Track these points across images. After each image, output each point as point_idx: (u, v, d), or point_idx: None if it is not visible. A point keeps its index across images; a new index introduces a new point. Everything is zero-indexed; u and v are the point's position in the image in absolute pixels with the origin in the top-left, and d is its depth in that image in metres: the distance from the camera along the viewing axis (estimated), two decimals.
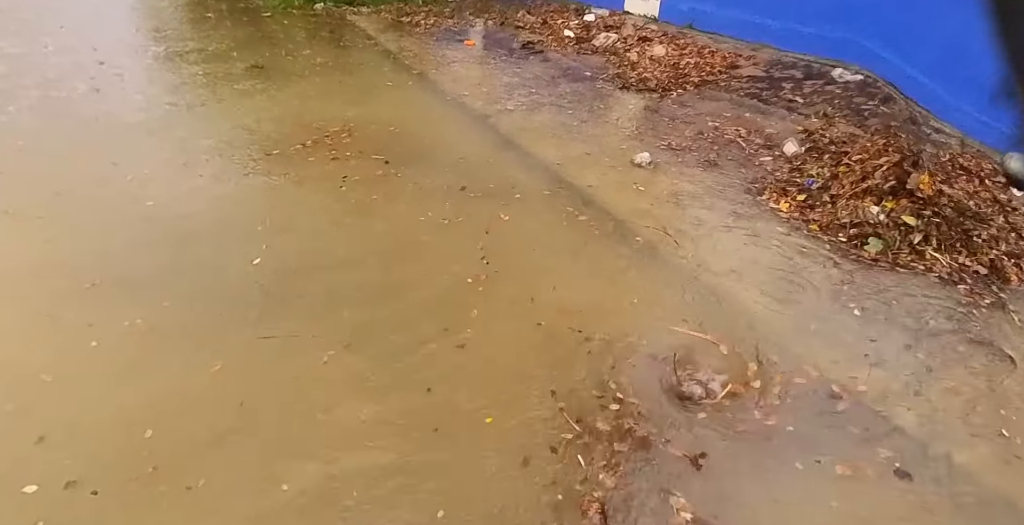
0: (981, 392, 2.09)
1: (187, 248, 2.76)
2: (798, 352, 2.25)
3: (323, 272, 2.65)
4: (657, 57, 5.50)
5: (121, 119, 4.15)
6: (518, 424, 1.91)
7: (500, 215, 3.14)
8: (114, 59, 5.28)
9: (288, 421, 1.91)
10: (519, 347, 2.25)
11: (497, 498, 1.66)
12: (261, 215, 3.07)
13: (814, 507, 1.69)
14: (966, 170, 3.22)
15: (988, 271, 2.67)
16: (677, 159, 3.83)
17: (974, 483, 1.76)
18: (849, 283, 2.66)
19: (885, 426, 1.94)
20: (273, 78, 5.04)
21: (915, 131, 3.81)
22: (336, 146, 3.87)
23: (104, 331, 2.22)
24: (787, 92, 4.63)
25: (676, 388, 2.06)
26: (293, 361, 2.15)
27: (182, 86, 4.82)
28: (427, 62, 5.63)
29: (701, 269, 2.74)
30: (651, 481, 1.73)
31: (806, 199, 3.28)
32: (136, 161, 3.56)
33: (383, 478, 1.71)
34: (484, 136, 4.14)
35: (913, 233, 2.82)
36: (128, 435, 1.82)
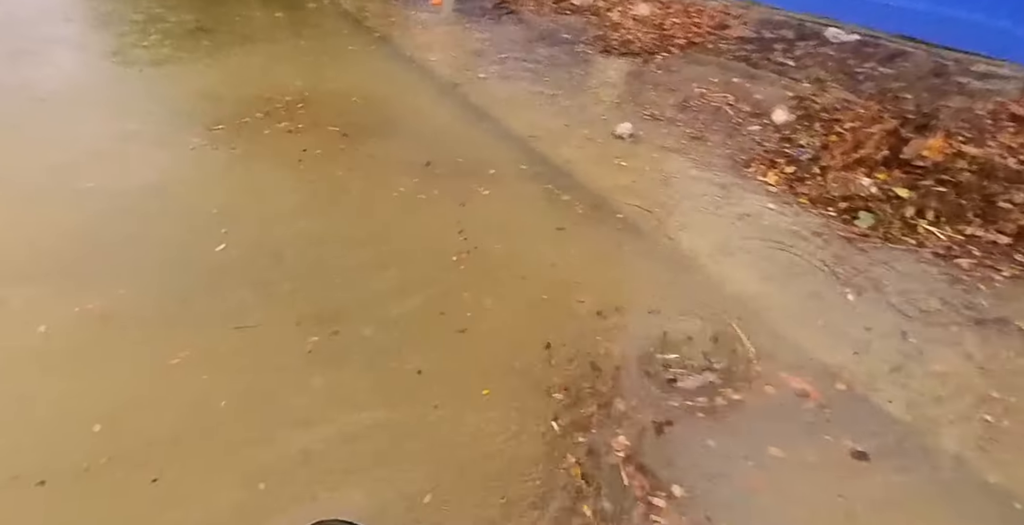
0: (971, 375, 1.92)
1: (134, 235, 2.47)
2: (782, 333, 2.07)
3: (292, 257, 2.39)
4: (641, 17, 5.07)
5: (48, 88, 3.71)
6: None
7: (475, 192, 2.86)
8: (44, 21, 4.74)
9: (263, 414, 1.73)
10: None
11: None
12: (214, 196, 2.76)
13: (750, 480, 1.60)
14: (1019, 119, 2.86)
15: (1012, 240, 2.40)
16: (661, 130, 3.52)
17: (939, 467, 1.63)
18: (838, 261, 2.45)
19: (864, 410, 1.79)
20: (220, 42, 4.57)
21: (937, 86, 3.49)
22: (291, 117, 3.51)
23: (53, 319, 2.00)
24: (778, 54, 4.28)
25: (659, 368, 1.94)
26: (271, 352, 1.95)
27: (119, 51, 4.35)
28: (391, 24, 5.14)
29: (684, 248, 2.52)
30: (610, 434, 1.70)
31: (795, 171, 3.03)
32: (67, 136, 3.19)
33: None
34: (453, 107, 3.78)
35: (906, 206, 2.60)
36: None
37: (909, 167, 2.74)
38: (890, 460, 1.65)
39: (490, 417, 1.75)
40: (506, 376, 1.89)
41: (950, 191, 2.59)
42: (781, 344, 2.04)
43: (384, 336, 2.03)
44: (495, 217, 2.70)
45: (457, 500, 1.52)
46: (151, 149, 3.13)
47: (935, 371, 1.94)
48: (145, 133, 3.26)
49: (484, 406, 1.78)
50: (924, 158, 2.69)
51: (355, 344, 2.00)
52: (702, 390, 1.86)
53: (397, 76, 4.23)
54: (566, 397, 1.82)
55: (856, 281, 2.35)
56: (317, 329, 2.03)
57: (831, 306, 2.22)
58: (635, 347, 2.01)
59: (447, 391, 1.83)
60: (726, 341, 2.05)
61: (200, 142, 3.21)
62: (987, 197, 2.53)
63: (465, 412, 1.76)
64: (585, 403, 1.80)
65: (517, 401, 1.80)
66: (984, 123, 2.82)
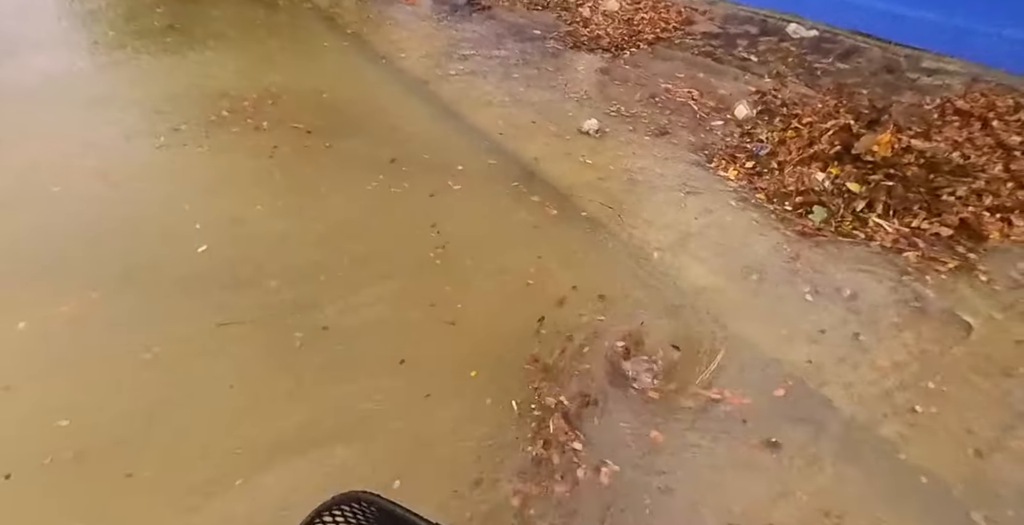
0: (911, 366, 1.97)
1: (106, 236, 2.44)
2: (732, 325, 2.11)
3: (268, 254, 2.39)
4: (610, 12, 5.03)
5: (18, 88, 3.60)
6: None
7: (445, 188, 2.86)
8: (17, 19, 4.57)
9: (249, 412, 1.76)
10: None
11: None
12: (184, 194, 2.72)
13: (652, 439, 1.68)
14: (963, 114, 2.91)
15: (954, 231, 2.45)
16: (627, 126, 3.52)
17: (860, 458, 1.69)
18: (792, 255, 2.49)
19: (805, 402, 1.83)
20: (192, 39, 4.45)
21: (890, 81, 3.54)
22: (261, 115, 3.45)
23: (30, 319, 2.00)
24: (741, 50, 4.29)
25: (621, 363, 1.97)
26: (257, 347, 1.97)
27: (92, 47, 4.25)
28: (363, 21, 5.03)
29: (646, 245, 2.54)
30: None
31: (754, 166, 3.06)
32: (33, 135, 3.10)
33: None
34: (423, 104, 3.73)
35: (857, 200, 2.64)
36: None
37: (860, 162, 2.77)
38: (807, 448, 1.70)
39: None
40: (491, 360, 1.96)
41: (898, 185, 2.63)
42: (729, 335, 2.07)
43: (368, 330, 2.06)
44: (464, 213, 2.71)
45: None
46: (120, 148, 3.07)
47: (878, 363, 1.98)
48: (114, 132, 3.20)
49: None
50: (874, 153, 2.73)
51: (341, 338, 2.02)
52: (645, 377, 1.91)
53: (368, 74, 4.15)
54: (535, 367, 1.93)
55: (808, 275, 2.39)
56: (302, 324, 2.05)
57: (783, 299, 2.26)
58: (596, 337, 2.05)
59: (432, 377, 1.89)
60: (678, 333, 2.08)
61: (168, 141, 3.15)
62: (932, 190, 2.57)
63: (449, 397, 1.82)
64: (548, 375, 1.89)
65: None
66: (931, 118, 2.86)
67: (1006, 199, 2.42)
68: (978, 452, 1.67)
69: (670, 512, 1.55)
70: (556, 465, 1.65)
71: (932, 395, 1.86)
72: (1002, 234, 2.39)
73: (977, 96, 3.01)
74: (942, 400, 1.84)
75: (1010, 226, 2.39)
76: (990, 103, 2.89)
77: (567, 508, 1.56)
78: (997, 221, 2.39)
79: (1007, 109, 2.84)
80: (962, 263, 2.37)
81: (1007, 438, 1.71)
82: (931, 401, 1.84)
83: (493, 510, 1.54)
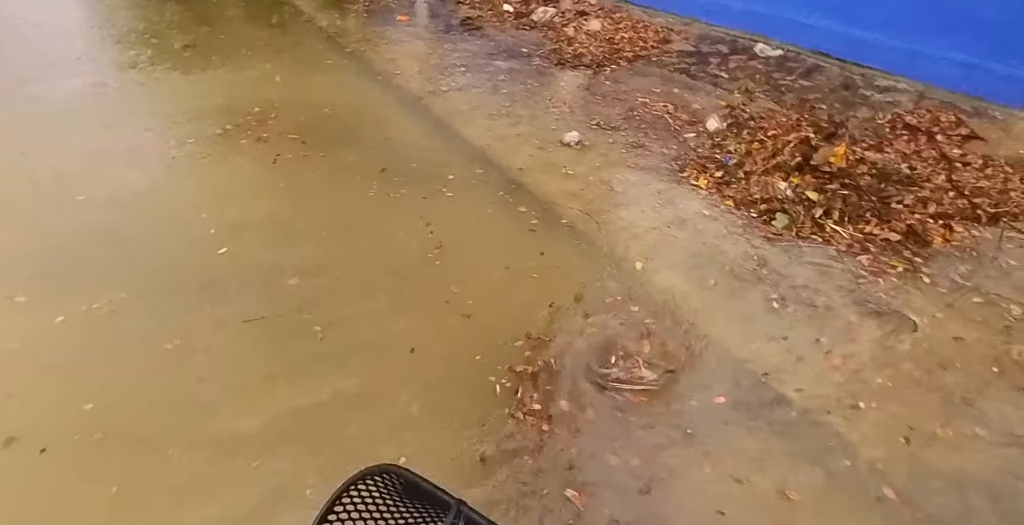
0: (862, 363, 2.10)
1: (131, 241, 2.62)
2: (701, 326, 2.23)
3: (284, 256, 2.56)
4: (593, 32, 5.23)
5: (49, 102, 3.85)
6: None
7: (437, 195, 3.03)
8: (50, 41, 4.85)
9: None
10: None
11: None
12: (200, 202, 2.90)
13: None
14: (911, 128, 3.12)
15: (903, 237, 2.62)
16: (606, 138, 3.68)
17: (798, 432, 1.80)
18: (757, 258, 2.63)
19: (761, 396, 1.95)
20: (206, 58, 4.66)
21: (847, 98, 3.73)
22: (263, 128, 3.61)
23: (66, 313, 2.17)
24: (713, 67, 4.48)
25: (596, 368, 2.07)
26: (279, 341, 2.11)
27: (116, 66, 4.52)
28: (363, 41, 5.20)
29: (623, 252, 2.66)
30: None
31: (723, 175, 3.21)
32: (58, 148, 3.31)
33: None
34: (417, 118, 3.88)
35: (815, 208, 2.79)
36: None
37: (819, 172, 2.93)
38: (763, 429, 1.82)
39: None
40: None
41: (852, 194, 2.79)
42: (698, 335, 2.19)
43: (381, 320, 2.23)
44: (456, 218, 2.87)
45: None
46: (138, 160, 3.25)
47: (833, 361, 2.09)
48: (132, 145, 3.37)
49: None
50: (831, 164, 2.89)
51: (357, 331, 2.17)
52: (619, 375, 2.02)
53: (366, 89, 4.30)
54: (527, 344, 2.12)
55: (772, 277, 2.52)
56: (320, 319, 2.20)
57: (749, 300, 2.38)
58: (574, 350, 2.16)
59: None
60: (651, 333, 2.20)
61: (181, 152, 3.32)
62: (883, 199, 2.74)
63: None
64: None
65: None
66: (883, 132, 3.04)
67: (948, 207, 2.58)
68: (907, 439, 1.79)
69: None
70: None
71: (877, 389, 1.98)
72: (944, 239, 2.55)
73: (924, 112, 3.19)
74: (885, 393, 1.96)
75: (951, 232, 2.55)
76: (935, 118, 3.08)
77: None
78: (940, 227, 2.55)
79: (949, 124, 3.02)
80: (909, 266, 2.52)
81: (938, 427, 1.84)
82: (875, 395, 1.96)
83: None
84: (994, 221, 2.70)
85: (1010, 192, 2.83)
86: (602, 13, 5.60)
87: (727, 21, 5.01)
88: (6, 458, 1.69)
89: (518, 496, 1.63)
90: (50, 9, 5.70)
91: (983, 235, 2.64)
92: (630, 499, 1.63)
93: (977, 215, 2.70)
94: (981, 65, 3.60)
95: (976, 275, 2.45)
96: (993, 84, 3.58)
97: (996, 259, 2.51)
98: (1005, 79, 3.57)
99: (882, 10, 4.04)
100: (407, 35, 5.42)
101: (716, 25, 5.05)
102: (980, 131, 3.31)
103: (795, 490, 1.65)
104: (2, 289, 2.27)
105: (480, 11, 5.97)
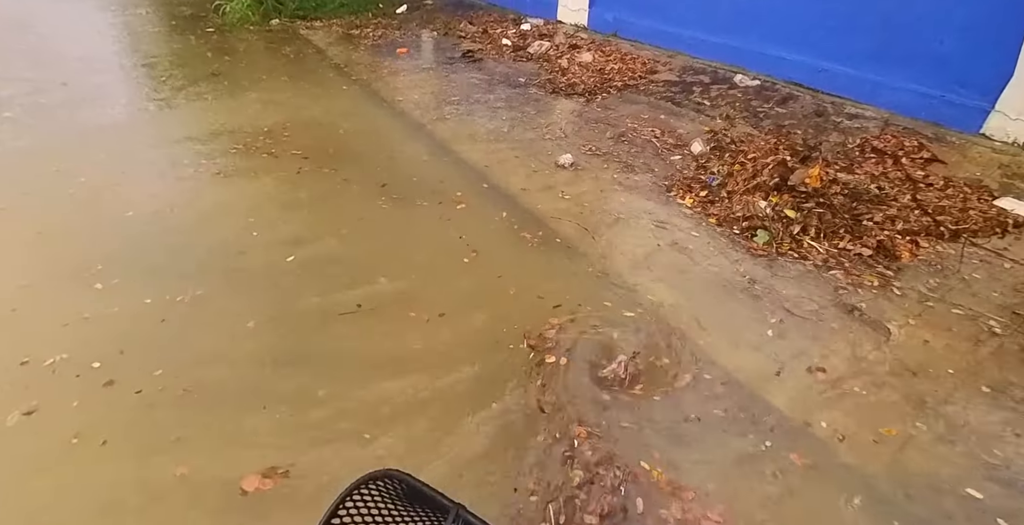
0: (841, 370, 2.11)
1: (189, 249, 2.73)
2: (690, 335, 2.24)
3: (348, 266, 2.66)
4: (585, 63, 5.34)
5: (94, 126, 4.06)
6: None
7: (447, 210, 3.12)
8: (86, 68, 5.11)
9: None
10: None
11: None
12: (233, 214, 3.03)
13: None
14: (879, 152, 3.17)
15: (873, 252, 2.65)
16: (598, 160, 3.73)
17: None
18: (740, 272, 2.65)
19: (746, 403, 1.95)
20: (232, 84, 4.86)
21: (819, 124, 3.82)
22: (282, 147, 3.72)
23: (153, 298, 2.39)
24: (696, 95, 4.58)
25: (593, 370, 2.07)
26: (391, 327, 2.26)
27: (151, 92, 4.74)
28: (372, 72, 5.29)
29: (613, 264, 2.69)
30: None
31: (707, 195, 3.26)
32: (96, 166, 3.46)
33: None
34: (421, 142, 3.93)
35: (793, 225, 2.83)
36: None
37: (796, 192, 2.98)
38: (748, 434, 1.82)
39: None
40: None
41: (826, 212, 2.83)
42: (687, 346, 2.20)
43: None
44: (475, 226, 2.97)
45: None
46: (171, 178, 3.41)
47: (813, 369, 2.10)
48: (166, 164, 3.53)
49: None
50: (806, 184, 2.94)
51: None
52: (614, 380, 2.03)
53: (373, 117, 4.36)
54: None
55: (754, 290, 2.54)
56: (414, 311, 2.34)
57: (732, 311, 2.40)
58: (573, 346, 2.18)
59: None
60: (642, 344, 2.21)
61: (212, 169, 3.48)
62: (855, 216, 2.78)
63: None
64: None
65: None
66: (854, 155, 3.10)
67: (914, 224, 2.62)
68: (876, 441, 1.79)
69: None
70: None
71: (850, 394, 1.98)
72: (911, 254, 2.59)
73: (889, 137, 3.27)
74: (857, 398, 1.97)
75: (918, 247, 2.59)
76: (899, 143, 3.15)
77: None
78: (907, 243, 2.59)
79: (912, 148, 3.10)
80: (881, 279, 2.55)
81: (907, 429, 1.85)
82: (850, 398, 1.97)
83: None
84: (956, 237, 2.74)
85: (969, 210, 2.89)
86: (593, 46, 5.74)
87: (708, 54, 5.14)
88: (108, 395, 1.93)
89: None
90: (84, 47, 5.89)
91: (946, 250, 2.68)
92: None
93: (941, 232, 2.74)
94: (938, 95, 3.71)
95: (942, 287, 2.48)
96: (950, 112, 3.68)
97: (959, 272, 2.55)
98: (960, 108, 3.67)
99: (847, 45, 4.17)
100: (413, 67, 5.52)
101: (698, 57, 5.18)
102: (940, 155, 3.39)
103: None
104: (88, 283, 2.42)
105: (480, 45, 6.10)
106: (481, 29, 6.54)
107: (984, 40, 3.49)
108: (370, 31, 6.58)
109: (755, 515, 1.59)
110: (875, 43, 4.00)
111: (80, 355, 2.08)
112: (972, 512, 1.59)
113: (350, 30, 6.66)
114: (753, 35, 4.74)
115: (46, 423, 1.82)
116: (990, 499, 1.62)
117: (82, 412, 1.87)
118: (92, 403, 1.90)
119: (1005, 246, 2.70)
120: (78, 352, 2.10)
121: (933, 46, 3.62)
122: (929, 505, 1.61)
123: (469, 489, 1.63)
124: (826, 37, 4.31)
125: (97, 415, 1.86)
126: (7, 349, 2.11)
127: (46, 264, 2.57)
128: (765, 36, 4.67)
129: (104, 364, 2.05)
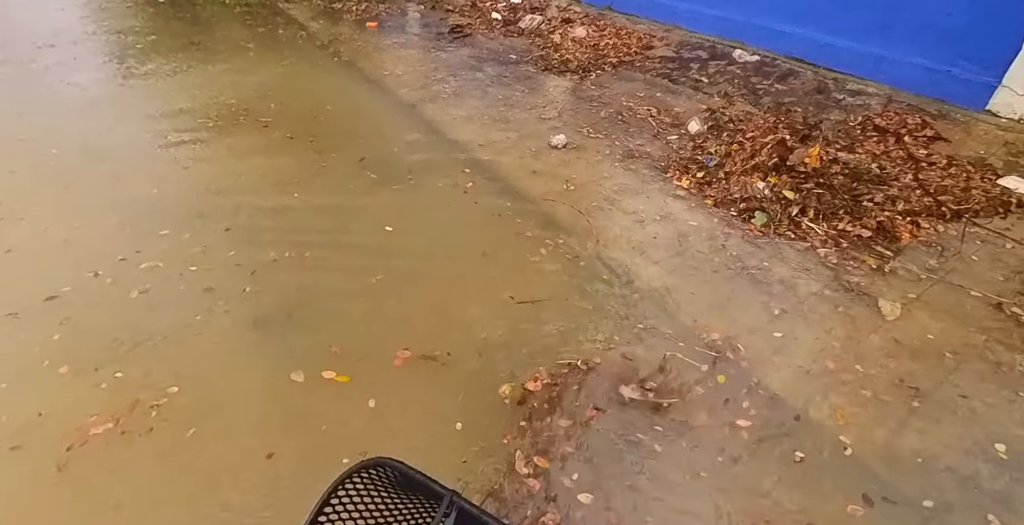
0: (837, 350, 2.09)
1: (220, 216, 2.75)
2: (687, 315, 2.21)
3: (379, 247, 2.62)
4: (578, 38, 5.17)
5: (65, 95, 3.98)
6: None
7: (438, 195, 3.01)
8: (61, 41, 4.98)
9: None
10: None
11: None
12: (223, 187, 2.99)
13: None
14: (880, 130, 3.09)
15: (873, 233, 2.61)
16: (593, 140, 3.63)
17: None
18: (735, 254, 2.61)
19: (740, 385, 1.93)
20: (203, 64, 4.59)
21: (820, 101, 3.72)
22: (263, 121, 3.61)
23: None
24: (694, 72, 4.45)
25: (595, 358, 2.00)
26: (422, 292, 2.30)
27: (119, 62, 4.63)
28: (355, 49, 5.10)
29: (610, 248, 2.63)
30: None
31: (704, 176, 3.19)
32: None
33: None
34: (409, 123, 3.80)
35: (792, 206, 2.78)
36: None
37: (795, 172, 2.91)
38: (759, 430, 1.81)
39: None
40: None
41: (826, 192, 2.78)
42: (681, 328, 2.17)
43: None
44: (454, 220, 2.84)
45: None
46: (153, 151, 3.34)
47: (811, 351, 2.08)
48: (143, 134, 3.45)
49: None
50: (806, 164, 2.87)
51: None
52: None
53: (358, 97, 4.21)
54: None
55: (752, 271, 2.51)
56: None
57: (731, 293, 2.36)
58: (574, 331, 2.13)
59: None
60: (639, 326, 2.17)
61: (180, 154, 3.29)
62: (855, 197, 2.73)
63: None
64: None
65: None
66: (855, 133, 3.02)
67: (915, 204, 2.58)
68: (872, 422, 1.78)
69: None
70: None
71: (848, 374, 1.97)
72: (912, 235, 2.55)
73: (892, 115, 3.19)
74: (855, 378, 1.96)
75: (918, 228, 2.54)
76: (902, 121, 3.07)
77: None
78: (907, 224, 2.54)
79: (916, 126, 3.02)
80: (880, 260, 2.51)
81: (903, 409, 1.84)
82: (848, 379, 1.95)
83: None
84: (957, 217, 2.70)
85: (972, 190, 2.84)
86: (587, 20, 5.54)
87: (706, 28, 4.98)
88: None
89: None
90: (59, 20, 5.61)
91: (947, 231, 2.65)
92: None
93: (942, 212, 2.70)
94: (943, 70, 3.62)
95: (942, 268, 2.45)
96: (955, 88, 3.60)
97: (960, 253, 2.52)
98: (965, 83, 3.58)
99: (850, 18, 4.04)
100: (398, 43, 5.32)
101: (696, 32, 5.02)
102: (944, 132, 3.32)
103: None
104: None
105: (469, 19, 5.88)
106: (470, 2, 6.31)
107: (993, 12, 3.38)
108: (352, 5, 6.33)
109: (758, 501, 1.59)
110: (880, 15, 3.87)
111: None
112: (967, 491, 1.60)
113: (332, 3, 6.40)
114: (753, 8, 4.59)
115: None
116: (986, 479, 1.62)
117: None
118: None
119: (1007, 226, 2.66)
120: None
121: (940, 18, 3.50)
122: (924, 484, 1.61)
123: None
124: (829, 9, 4.17)
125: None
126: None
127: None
128: (765, 9, 4.52)
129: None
